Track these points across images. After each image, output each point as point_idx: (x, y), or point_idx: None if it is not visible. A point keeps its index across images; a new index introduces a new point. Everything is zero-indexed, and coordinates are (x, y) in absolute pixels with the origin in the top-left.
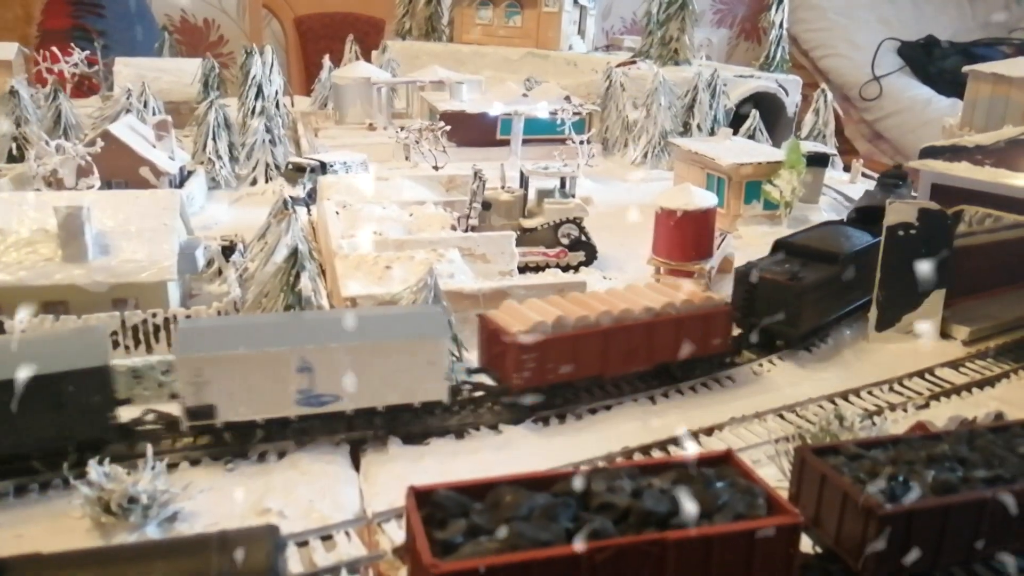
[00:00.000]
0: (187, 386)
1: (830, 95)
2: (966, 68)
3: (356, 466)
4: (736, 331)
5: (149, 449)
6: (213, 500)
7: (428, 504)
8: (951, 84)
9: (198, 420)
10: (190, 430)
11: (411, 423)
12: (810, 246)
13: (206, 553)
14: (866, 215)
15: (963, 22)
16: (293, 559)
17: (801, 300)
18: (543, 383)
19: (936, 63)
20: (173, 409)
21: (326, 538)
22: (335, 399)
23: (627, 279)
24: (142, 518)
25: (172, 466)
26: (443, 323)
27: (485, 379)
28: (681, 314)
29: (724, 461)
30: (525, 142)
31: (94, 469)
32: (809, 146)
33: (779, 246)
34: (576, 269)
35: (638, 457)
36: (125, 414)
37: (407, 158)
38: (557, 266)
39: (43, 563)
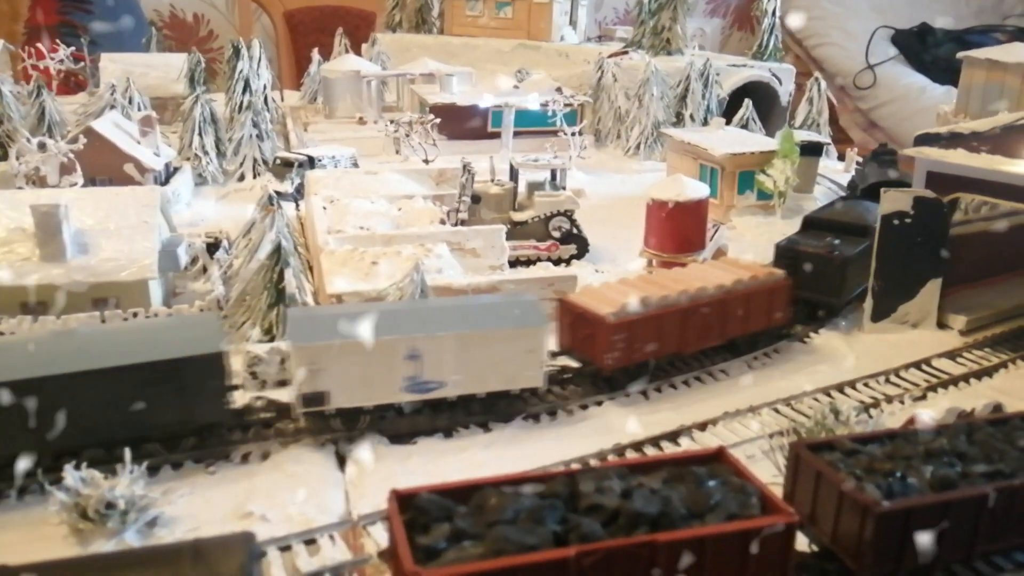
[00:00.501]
0: (304, 373)
1: (824, 84)
2: (960, 54)
3: (342, 466)
4: None
5: (127, 453)
6: (194, 504)
7: (411, 508)
8: (945, 72)
9: (311, 406)
10: (302, 416)
11: (508, 408)
12: (841, 220)
13: (179, 564)
14: (877, 190)
15: (957, 9)
16: (276, 564)
17: (844, 271)
18: (630, 362)
19: (930, 51)
20: (281, 396)
21: (310, 542)
22: (440, 386)
23: (620, 272)
24: (120, 524)
25: (153, 470)
26: (541, 313)
27: (569, 362)
28: (748, 289)
29: (716, 459)
30: (516, 134)
31: (70, 474)
32: (803, 135)
33: (809, 222)
34: (568, 263)
35: (631, 454)
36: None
37: (397, 151)
38: (548, 260)
39: (10, 574)
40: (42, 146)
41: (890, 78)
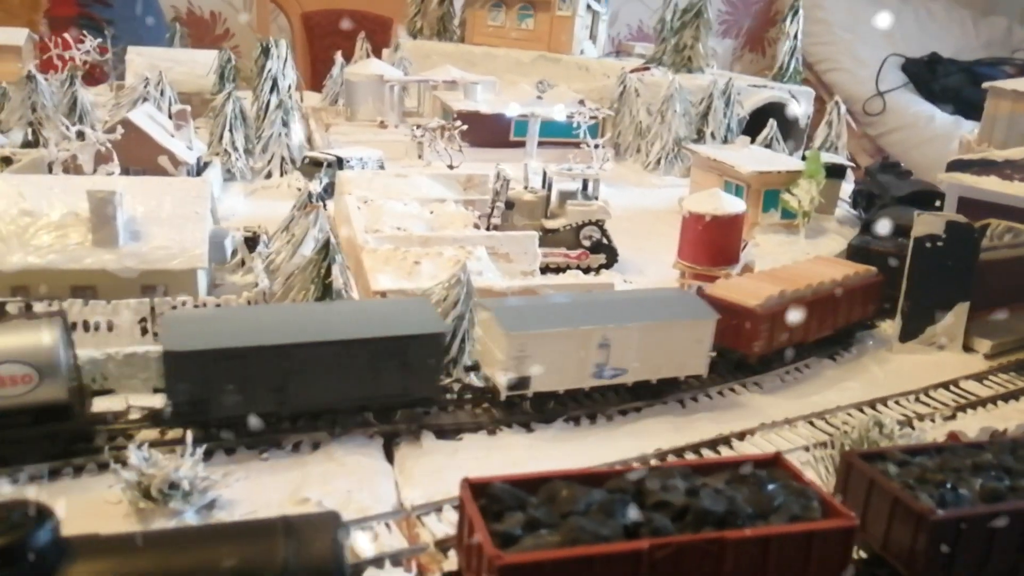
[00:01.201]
0: (510, 360)
1: (843, 108)
2: (986, 84)
3: (390, 459)
4: None
5: (188, 435)
6: (250, 488)
7: (483, 496)
8: (954, 101)
9: (515, 391)
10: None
11: (675, 393)
12: (899, 224)
13: (273, 538)
14: (912, 199)
15: (966, 40)
16: None
17: None
18: (769, 350)
19: (939, 80)
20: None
21: (366, 529)
22: (622, 372)
23: (648, 283)
24: (182, 504)
25: (208, 454)
26: (707, 306)
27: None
28: (854, 284)
29: (774, 463)
30: (539, 144)
31: (134, 453)
32: (827, 157)
33: (868, 225)
34: (597, 271)
35: (672, 459)
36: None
37: (420, 156)
38: (578, 268)
39: (107, 544)
40: (80, 135)
41: (899, 106)
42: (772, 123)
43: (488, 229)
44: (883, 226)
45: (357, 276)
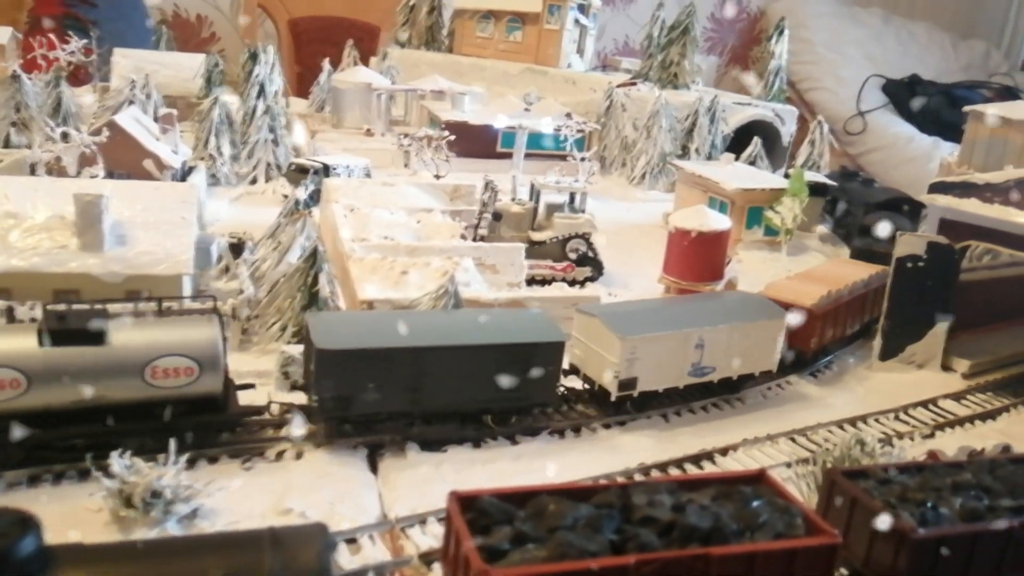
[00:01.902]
0: (623, 362)
1: (826, 127)
2: (967, 108)
3: (374, 470)
4: None
5: (172, 444)
6: (232, 498)
7: (471, 510)
8: (933, 123)
9: (624, 391)
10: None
11: (748, 387)
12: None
13: (259, 549)
14: (888, 204)
15: (946, 63)
16: None
17: None
18: (820, 346)
19: (919, 101)
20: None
21: (350, 541)
22: (712, 370)
23: (632, 296)
24: (163, 513)
25: (191, 462)
26: (778, 308)
27: None
28: (876, 283)
29: (758, 480)
30: (525, 156)
31: (116, 461)
32: (810, 176)
33: (864, 229)
34: (582, 284)
35: (656, 474)
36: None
37: (406, 165)
38: (564, 280)
39: (90, 554)
40: (65, 136)
41: (879, 126)
42: (756, 141)
43: (475, 240)
44: (883, 229)
45: (344, 285)
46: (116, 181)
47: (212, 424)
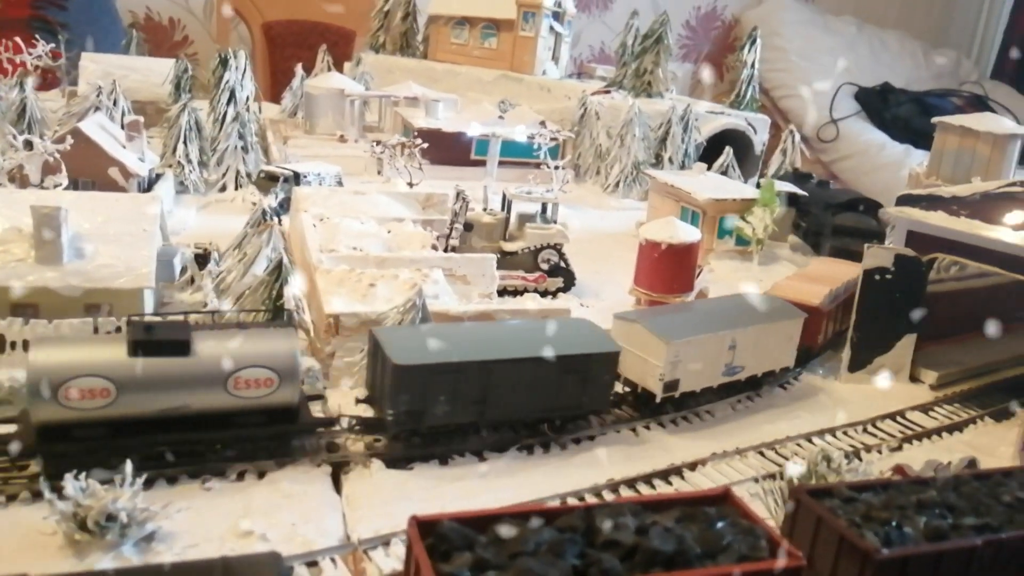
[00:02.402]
0: (667, 365)
1: (798, 136)
2: (935, 119)
3: (338, 489)
4: None
5: (128, 466)
6: (191, 520)
7: (431, 535)
8: (904, 130)
9: (668, 392)
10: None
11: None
12: (859, 227)
13: None
14: (849, 205)
15: (917, 72)
16: None
17: None
18: (825, 341)
19: (891, 109)
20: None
21: (311, 564)
22: (741, 369)
23: (604, 307)
24: (119, 537)
25: (148, 483)
26: (795, 308)
27: None
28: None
29: (723, 500)
30: (499, 164)
31: (70, 483)
32: (782, 186)
33: (840, 229)
34: (554, 295)
35: (624, 490)
36: None
37: (379, 172)
38: (535, 291)
39: None
40: (28, 144)
41: (852, 133)
42: (728, 151)
43: (446, 250)
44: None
45: (311, 297)
46: (76, 192)
47: (288, 434)
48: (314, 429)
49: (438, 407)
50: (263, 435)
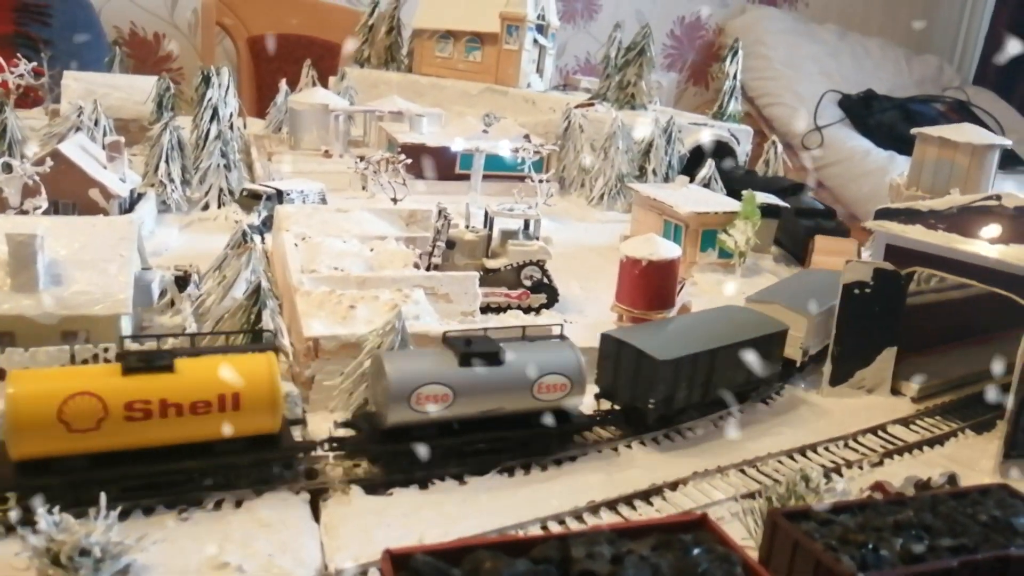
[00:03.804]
0: (806, 336)
1: (780, 147)
2: (914, 130)
3: (317, 516)
4: None
5: (102, 498)
6: (167, 552)
7: (405, 569)
8: (888, 137)
9: (803, 358)
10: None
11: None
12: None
13: None
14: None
15: (900, 78)
16: None
17: None
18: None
19: (874, 116)
20: None
21: None
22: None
23: (588, 323)
24: (93, 572)
25: (124, 514)
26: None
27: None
28: None
29: (699, 525)
30: (484, 178)
31: (43, 518)
32: (763, 198)
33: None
34: (537, 311)
35: (605, 512)
36: None
37: (364, 188)
38: (519, 308)
39: None
40: (7, 167)
41: (837, 140)
42: (711, 163)
43: (428, 269)
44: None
45: (292, 320)
46: (52, 218)
47: (569, 431)
48: (589, 426)
49: (680, 392)
50: (553, 432)
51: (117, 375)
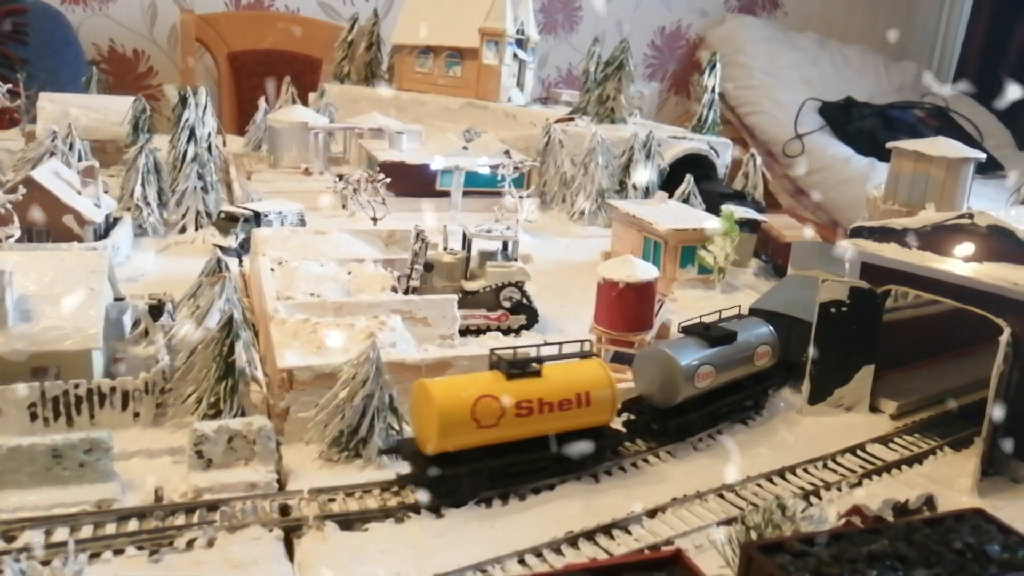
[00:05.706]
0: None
1: (759, 159)
2: (890, 144)
3: (291, 555)
4: None
5: (71, 542)
6: None
7: None
8: (868, 144)
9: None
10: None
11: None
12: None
13: None
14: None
15: (879, 85)
16: None
17: None
18: None
19: (854, 123)
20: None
21: None
22: None
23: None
24: None
25: (94, 556)
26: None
27: None
28: None
29: (674, 562)
30: (465, 194)
31: (9, 566)
32: (741, 212)
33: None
34: (517, 332)
35: (583, 542)
36: None
37: (344, 206)
38: (498, 329)
39: None
40: None
41: (817, 148)
42: (689, 179)
43: (406, 292)
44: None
45: (267, 349)
46: (21, 251)
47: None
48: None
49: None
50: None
51: (503, 380)
